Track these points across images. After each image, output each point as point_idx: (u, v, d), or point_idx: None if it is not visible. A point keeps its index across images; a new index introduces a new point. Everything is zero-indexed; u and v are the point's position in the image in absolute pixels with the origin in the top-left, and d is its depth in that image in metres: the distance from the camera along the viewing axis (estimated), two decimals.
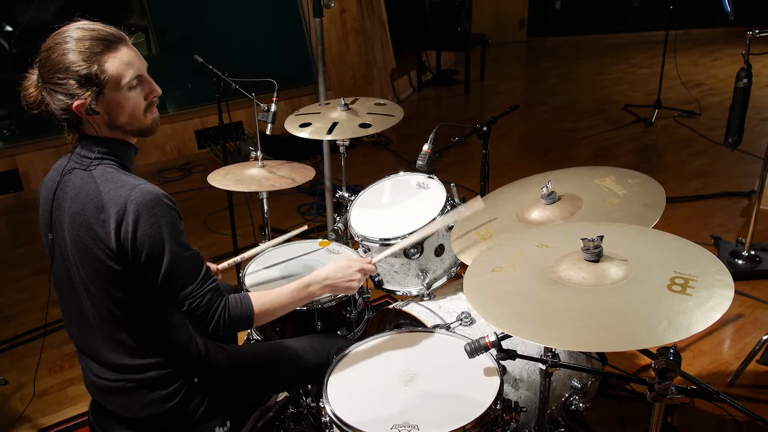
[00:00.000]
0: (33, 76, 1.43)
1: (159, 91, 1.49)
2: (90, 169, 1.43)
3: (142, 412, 1.54)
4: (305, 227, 2.22)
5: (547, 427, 1.72)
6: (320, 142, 2.91)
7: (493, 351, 1.52)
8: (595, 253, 1.35)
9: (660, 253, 1.38)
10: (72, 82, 1.35)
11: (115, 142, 1.47)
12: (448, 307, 1.99)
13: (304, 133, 2.40)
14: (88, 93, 1.37)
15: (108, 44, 1.39)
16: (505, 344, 1.52)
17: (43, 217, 1.51)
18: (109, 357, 1.51)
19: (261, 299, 1.54)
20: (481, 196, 2.32)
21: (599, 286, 1.31)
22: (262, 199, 2.52)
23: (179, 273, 1.41)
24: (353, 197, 2.31)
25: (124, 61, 1.40)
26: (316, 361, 1.78)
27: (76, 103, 1.37)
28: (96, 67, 1.36)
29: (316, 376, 1.70)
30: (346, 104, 2.49)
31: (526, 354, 1.60)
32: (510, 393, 1.81)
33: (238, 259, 2.12)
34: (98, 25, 1.41)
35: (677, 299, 1.21)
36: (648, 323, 1.18)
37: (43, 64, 1.38)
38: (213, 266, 1.93)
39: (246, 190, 2.30)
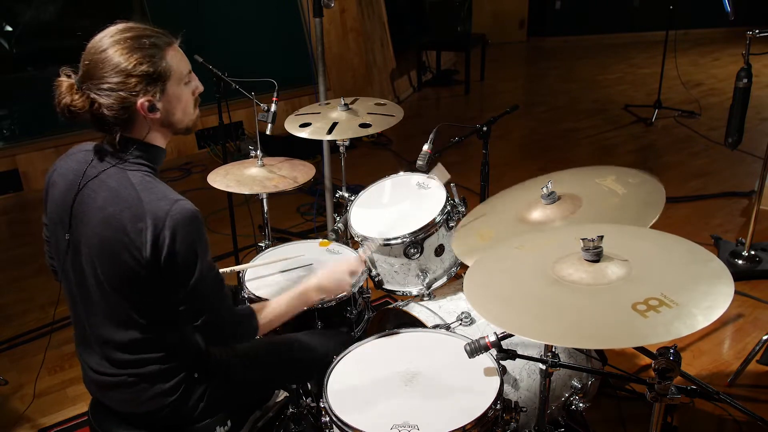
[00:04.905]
0: (66, 82, 1.39)
1: (202, 87, 1.53)
2: (124, 169, 1.43)
3: (143, 407, 1.54)
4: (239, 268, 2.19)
5: (547, 427, 1.72)
6: (320, 142, 2.91)
7: (493, 351, 1.52)
8: (595, 253, 1.36)
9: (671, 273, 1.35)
10: (137, 80, 1.36)
11: (152, 148, 1.48)
12: (448, 307, 1.99)
13: (304, 133, 2.40)
14: (155, 89, 1.39)
15: (165, 40, 1.42)
16: (505, 344, 1.52)
17: (58, 210, 1.49)
18: (113, 352, 1.51)
19: (262, 312, 1.58)
20: (482, 197, 2.33)
21: (597, 285, 1.31)
22: (262, 199, 2.52)
23: (204, 291, 1.44)
24: (353, 197, 2.31)
25: (180, 56, 1.44)
26: (315, 359, 1.78)
27: (141, 101, 1.38)
28: (163, 62, 1.39)
29: (315, 372, 1.71)
30: (346, 104, 2.49)
31: (526, 354, 1.60)
32: (510, 393, 1.81)
33: (237, 269, 2.12)
34: (145, 25, 1.43)
35: (634, 318, 1.20)
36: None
37: (96, 67, 1.36)
38: None
39: (248, 192, 2.30)
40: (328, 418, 1.50)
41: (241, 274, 2.15)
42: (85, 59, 1.39)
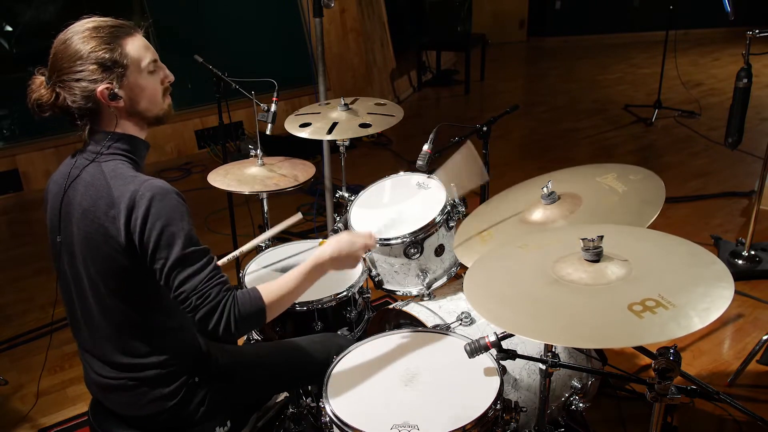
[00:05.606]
0: (38, 79, 1.42)
1: (172, 76, 1.53)
2: (100, 162, 1.43)
3: (143, 411, 1.54)
4: (299, 216, 2.18)
5: (547, 427, 1.72)
6: (320, 142, 2.91)
7: (493, 351, 1.52)
8: (595, 253, 1.36)
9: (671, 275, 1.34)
10: (94, 67, 1.37)
11: (127, 138, 1.47)
12: (448, 307, 1.99)
13: (304, 133, 2.40)
14: (112, 76, 1.39)
15: (124, 30, 1.42)
16: (505, 344, 1.52)
17: (52, 216, 1.51)
18: (113, 356, 1.51)
19: (269, 289, 1.48)
20: (482, 198, 2.33)
21: (596, 285, 1.32)
22: (262, 199, 2.52)
23: (187, 265, 1.36)
24: (353, 197, 2.31)
25: (141, 45, 1.44)
26: (316, 361, 1.78)
27: (100, 88, 1.38)
28: (119, 50, 1.39)
29: (316, 376, 1.70)
30: (346, 104, 2.49)
31: (526, 354, 1.60)
32: (510, 393, 1.81)
33: (236, 253, 2.11)
34: (108, 17, 1.44)
35: (630, 318, 1.21)
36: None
37: (59, 58, 1.38)
38: None
39: (249, 192, 2.30)
40: (328, 418, 1.50)
41: (241, 274, 2.15)
42: (50, 53, 1.41)
